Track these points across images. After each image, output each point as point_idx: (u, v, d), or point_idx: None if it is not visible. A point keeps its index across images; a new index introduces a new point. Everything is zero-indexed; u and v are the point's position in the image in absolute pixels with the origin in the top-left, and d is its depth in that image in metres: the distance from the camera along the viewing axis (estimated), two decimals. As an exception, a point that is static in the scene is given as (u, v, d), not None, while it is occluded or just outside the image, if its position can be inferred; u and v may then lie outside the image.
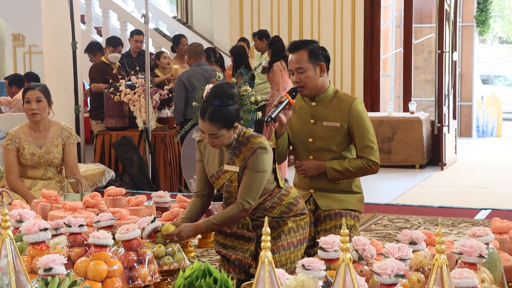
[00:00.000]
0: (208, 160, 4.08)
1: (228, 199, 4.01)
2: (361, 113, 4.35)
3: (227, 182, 3.98)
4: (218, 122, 3.82)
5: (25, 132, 5.77)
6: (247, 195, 3.89)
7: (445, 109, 10.71)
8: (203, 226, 3.97)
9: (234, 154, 3.94)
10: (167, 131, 8.95)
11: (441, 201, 7.58)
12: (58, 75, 8.62)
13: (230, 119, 3.86)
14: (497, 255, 3.40)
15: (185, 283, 2.13)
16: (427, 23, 15.06)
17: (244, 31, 12.53)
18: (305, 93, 4.36)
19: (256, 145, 3.89)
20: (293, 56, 4.34)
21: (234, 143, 3.94)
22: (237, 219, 3.96)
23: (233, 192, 3.98)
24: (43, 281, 2.97)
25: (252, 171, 3.89)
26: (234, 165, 3.94)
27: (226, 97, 3.84)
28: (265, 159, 3.91)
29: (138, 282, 3.60)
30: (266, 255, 2.10)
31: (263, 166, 3.90)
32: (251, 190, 3.90)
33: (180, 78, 8.70)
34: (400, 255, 3.09)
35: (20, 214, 3.91)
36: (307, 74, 4.31)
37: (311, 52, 4.31)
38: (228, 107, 3.84)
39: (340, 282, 2.13)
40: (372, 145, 4.36)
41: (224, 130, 3.85)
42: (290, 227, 4.02)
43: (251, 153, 3.89)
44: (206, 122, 3.84)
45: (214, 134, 3.85)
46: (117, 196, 5.10)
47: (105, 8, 12.49)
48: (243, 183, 3.92)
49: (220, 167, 3.99)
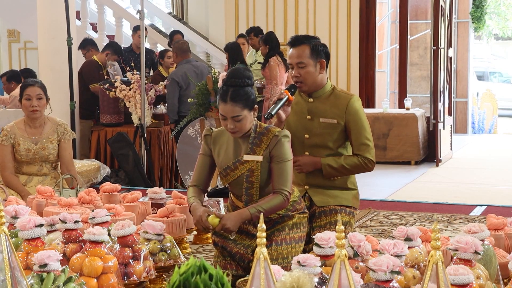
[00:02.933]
0: (219, 153, 4.04)
1: (249, 189, 3.96)
2: (358, 111, 4.35)
3: (248, 172, 3.94)
4: (240, 101, 3.82)
5: (20, 128, 5.76)
6: (285, 184, 3.88)
7: (440, 106, 10.72)
8: (248, 213, 3.83)
9: (254, 144, 3.92)
10: (163, 127, 8.94)
11: (437, 198, 7.58)
12: (53, 71, 8.60)
13: (251, 99, 3.87)
14: (493, 252, 3.41)
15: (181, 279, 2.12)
16: (422, 20, 15.08)
17: (239, 27, 12.52)
18: (304, 88, 4.36)
19: (280, 133, 3.90)
20: (294, 51, 4.34)
21: (253, 134, 3.93)
22: (280, 208, 3.91)
23: (255, 182, 3.94)
24: (38, 277, 2.96)
25: (281, 161, 3.89)
26: (255, 154, 3.92)
27: (244, 77, 3.86)
28: (289, 147, 3.93)
29: (133, 278, 3.60)
30: (261, 251, 2.10)
31: (288, 153, 3.91)
32: (286, 179, 3.89)
33: (172, 77, 8.68)
34: (396, 252, 3.10)
35: (15, 210, 3.90)
36: (307, 70, 4.31)
37: (313, 48, 4.32)
38: (248, 88, 3.87)
39: (336, 279, 2.13)
40: (368, 143, 4.37)
41: (246, 110, 3.85)
42: (294, 223, 4.02)
43: (276, 141, 3.88)
44: (228, 104, 3.83)
45: (237, 116, 3.83)
46: (112, 192, 5.10)
47: (100, 4, 12.47)
48: (276, 175, 3.89)
49: (238, 158, 3.96)
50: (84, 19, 12.32)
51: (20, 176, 5.74)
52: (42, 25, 8.76)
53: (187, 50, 8.91)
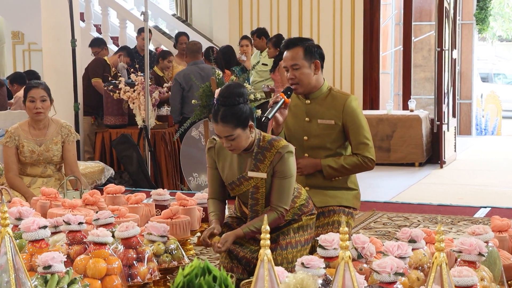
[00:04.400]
0: (224, 168, 4.03)
1: (255, 206, 3.97)
2: (355, 110, 4.36)
3: (252, 189, 3.94)
4: (231, 121, 3.77)
5: (24, 129, 5.77)
6: (281, 201, 3.88)
7: (444, 107, 10.71)
8: (241, 232, 3.90)
9: (258, 160, 3.90)
10: (167, 128, 8.94)
11: (441, 199, 7.58)
12: (57, 72, 8.61)
13: (243, 117, 3.80)
14: (497, 253, 3.40)
15: (184, 281, 2.13)
16: (426, 21, 15.06)
17: (243, 29, 12.52)
18: (300, 90, 4.37)
19: (283, 149, 3.86)
20: (288, 53, 4.36)
21: (256, 149, 3.90)
22: (275, 225, 3.92)
23: (260, 198, 3.94)
24: (42, 278, 2.96)
25: (283, 178, 3.87)
26: (259, 171, 3.89)
27: (235, 95, 3.79)
28: (292, 162, 3.89)
29: (137, 280, 3.60)
30: (265, 253, 2.10)
31: (291, 170, 3.88)
32: (284, 196, 3.88)
33: (175, 77, 8.71)
34: (400, 253, 3.09)
35: (19, 211, 3.91)
36: (302, 71, 4.32)
37: (307, 50, 4.33)
38: (239, 106, 3.79)
39: (340, 280, 2.13)
40: (367, 141, 4.37)
41: (239, 129, 3.80)
42: (300, 225, 4.02)
43: (279, 158, 3.86)
44: (219, 124, 3.79)
45: (229, 135, 3.80)
46: (116, 194, 5.09)
47: (104, 5, 12.48)
48: (274, 190, 3.89)
49: (243, 174, 3.94)
50: (88, 20, 12.33)
51: (24, 177, 5.75)
52: (46, 26, 8.78)
53: (196, 52, 8.93)
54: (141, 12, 8.33)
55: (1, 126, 7.86)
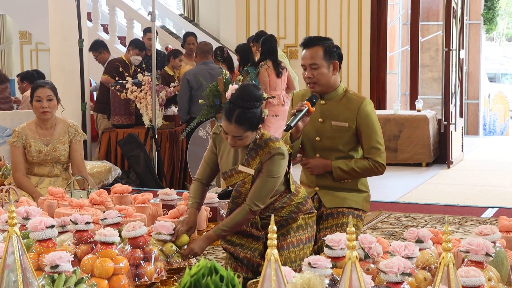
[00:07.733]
0: (222, 156, 4.05)
1: (237, 198, 3.98)
2: (370, 114, 4.32)
3: (240, 183, 3.95)
4: (244, 125, 3.77)
5: (31, 129, 5.78)
6: (257, 199, 3.87)
7: (452, 107, 10.69)
8: (214, 235, 3.93)
9: (250, 156, 3.90)
10: (174, 128, 8.95)
11: (448, 200, 7.56)
12: (64, 72, 8.63)
13: (256, 122, 3.81)
14: (504, 254, 3.40)
15: (192, 280, 2.12)
16: (434, 21, 15.04)
17: (250, 29, 12.51)
18: (317, 89, 4.33)
19: (274, 150, 3.85)
20: (308, 52, 4.31)
21: (251, 145, 3.90)
22: (245, 222, 3.94)
23: (243, 193, 3.95)
24: (50, 278, 2.97)
25: (267, 175, 3.87)
26: (249, 167, 3.90)
27: (253, 99, 3.78)
28: (281, 164, 3.88)
29: (144, 279, 3.60)
30: (272, 252, 2.10)
31: (278, 171, 3.87)
32: (262, 194, 3.88)
33: (185, 76, 8.71)
34: (407, 253, 3.09)
35: (27, 211, 3.92)
36: (320, 71, 4.29)
37: (327, 50, 4.30)
38: (255, 110, 3.79)
39: (346, 280, 2.13)
40: (379, 146, 4.35)
41: (249, 132, 3.80)
42: (299, 224, 4.02)
43: (268, 157, 3.85)
44: (232, 125, 3.77)
45: (239, 136, 3.80)
46: (123, 194, 5.11)
47: (111, 5, 12.49)
48: (255, 185, 3.89)
49: (234, 166, 3.96)
50: (96, 20, 12.35)
51: (31, 177, 5.76)
52: (54, 26, 8.80)
53: (207, 52, 8.94)
54: (148, 12, 8.33)
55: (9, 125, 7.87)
